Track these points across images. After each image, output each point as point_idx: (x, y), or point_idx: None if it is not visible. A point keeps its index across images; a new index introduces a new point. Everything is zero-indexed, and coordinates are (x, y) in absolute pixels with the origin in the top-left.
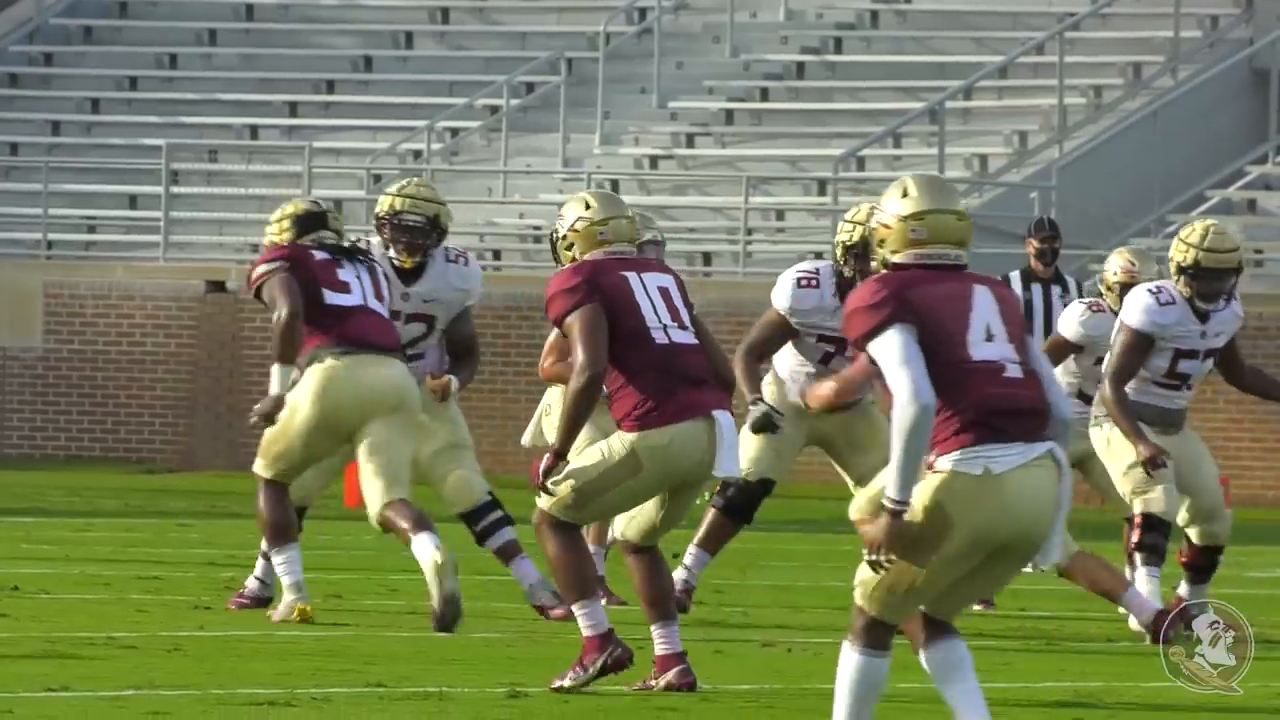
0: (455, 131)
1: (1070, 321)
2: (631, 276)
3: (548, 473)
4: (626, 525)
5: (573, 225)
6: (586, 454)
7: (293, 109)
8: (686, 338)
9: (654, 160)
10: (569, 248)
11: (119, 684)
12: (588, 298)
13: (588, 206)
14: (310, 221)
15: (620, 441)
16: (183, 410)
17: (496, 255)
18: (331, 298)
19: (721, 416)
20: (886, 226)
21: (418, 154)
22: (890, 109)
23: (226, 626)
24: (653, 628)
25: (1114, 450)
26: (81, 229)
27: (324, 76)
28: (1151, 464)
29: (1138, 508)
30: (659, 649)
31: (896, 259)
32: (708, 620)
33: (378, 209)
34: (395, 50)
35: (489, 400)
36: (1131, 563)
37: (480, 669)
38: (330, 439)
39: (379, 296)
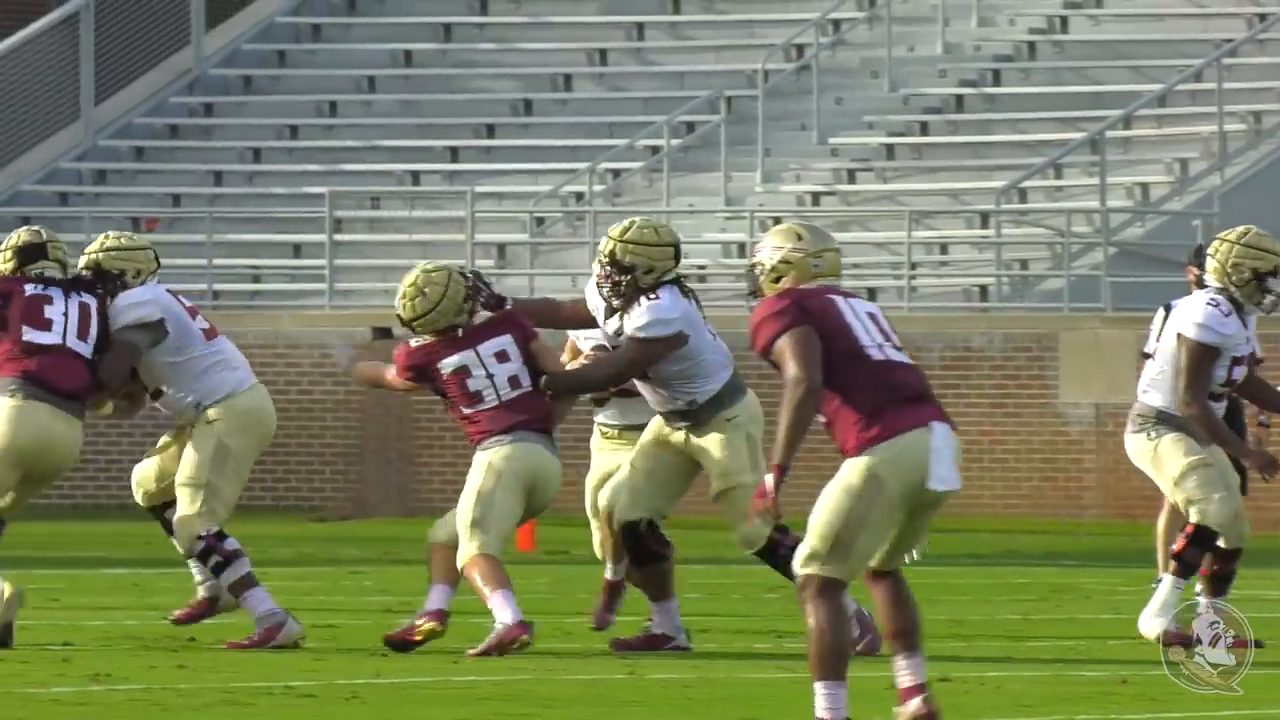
0: (617, 173)
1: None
2: (839, 300)
3: (777, 486)
4: None
5: (785, 256)
6: (823, 497)
7: (454, 154)
8: (902, 357)
9: (816, 196)
10: (777, 280)
11: None
12: (797, 320)
13: (800, 238)
14: (31, 252)
15: (852, 469)
16: (352, 458)
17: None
18: (29, 334)
19: (938, 427)
20: None
21: (580, 196)
22: (1050, 140)
23: (404, 673)
24: (896, 658)
25: (1161, 460)
26: (246, 278)
27: (484, 120)
28: (1268, 469)
29: (1194, 517)
30: (902, 680)
31: None
32: (882, 655)
33: None
34: (554, 93)
35: None
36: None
37: (659, 709)
38: (14, 471)
39: (83, 335)
